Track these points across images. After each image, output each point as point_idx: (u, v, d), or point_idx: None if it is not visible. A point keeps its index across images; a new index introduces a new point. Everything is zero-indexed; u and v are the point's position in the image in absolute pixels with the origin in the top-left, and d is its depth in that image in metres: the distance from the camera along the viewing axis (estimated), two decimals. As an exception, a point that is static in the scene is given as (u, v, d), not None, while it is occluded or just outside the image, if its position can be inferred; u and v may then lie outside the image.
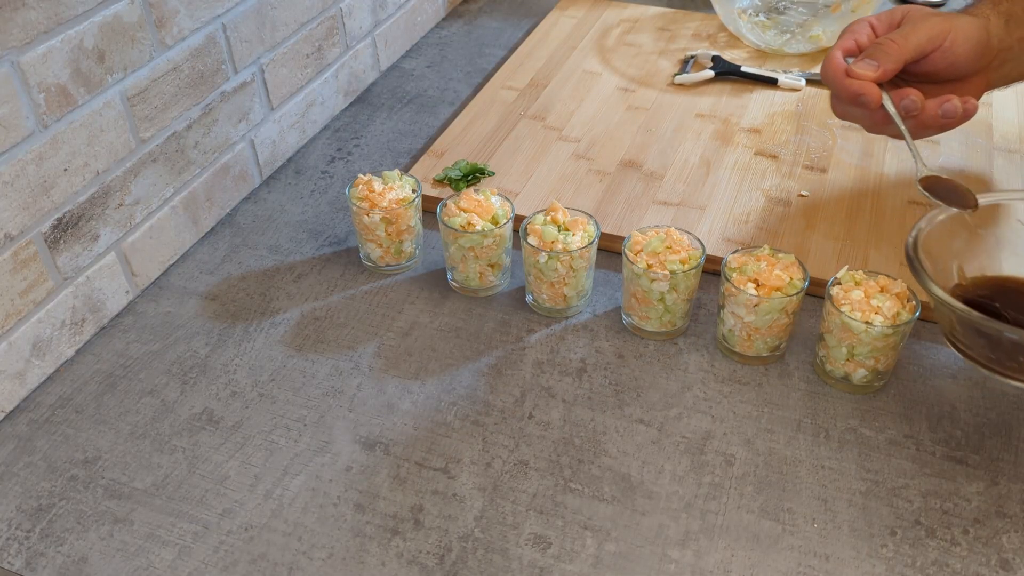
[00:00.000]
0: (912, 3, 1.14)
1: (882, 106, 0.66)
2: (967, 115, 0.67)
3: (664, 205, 0.86)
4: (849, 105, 0.67)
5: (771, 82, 1.04)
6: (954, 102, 0.66)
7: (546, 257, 0.72)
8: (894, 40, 0.65)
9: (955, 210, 0.66)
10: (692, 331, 0.75)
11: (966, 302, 0.60)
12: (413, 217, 0.79)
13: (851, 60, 0.68)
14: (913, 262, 0.63)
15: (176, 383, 0.72)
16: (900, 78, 0.69)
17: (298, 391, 0.71)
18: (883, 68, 0.65)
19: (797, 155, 0.93)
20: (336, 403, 0.70)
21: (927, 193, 0.68)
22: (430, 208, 0.87)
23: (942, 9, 1.25)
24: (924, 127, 0.68)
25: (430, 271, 0.82)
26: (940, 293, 0.60)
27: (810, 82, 1.04)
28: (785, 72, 1.05)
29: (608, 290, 0.79)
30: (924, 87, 0.68)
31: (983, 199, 0.67)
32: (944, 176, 0.68)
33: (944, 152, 0.92)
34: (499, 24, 1.25)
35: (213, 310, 0.79)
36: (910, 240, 0.65)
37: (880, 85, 0.67)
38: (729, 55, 1.10)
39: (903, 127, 0.66)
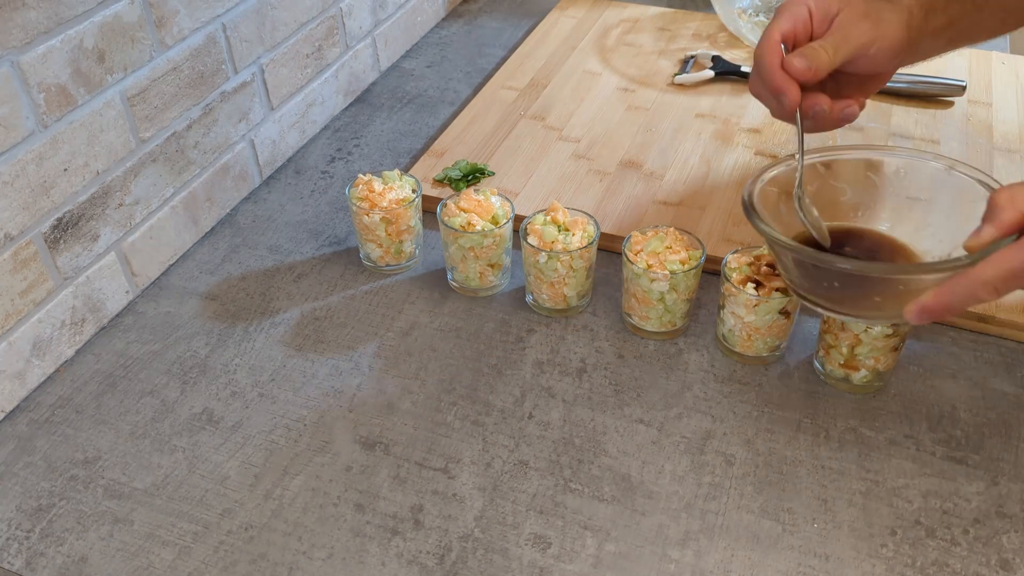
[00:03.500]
0: None
1: (794, 107, 0.68)
2: (848, 117, 0.70)
3: (664, 205, 0.86)
4: (770, 93, 0.68)
5: (771, 82, 1.04)
6: (854, 107, 0.68)
7: (546, 257, 0.72)
8: (826, 51, 0.67)
9: (796, 164, 0.68)
10: (692, 331, 0.75)
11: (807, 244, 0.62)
12: (413, 217, 0.79)
13: (784, 46, 0.69)
14: (747, 207, 0.63)
15: (176, 383, 0.72)
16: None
17: (298, 391, 0.71)
18: (811, 73, 0.66)
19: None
20: (336, 403, 0.70)
21: (801, 212, 0.68)
22: (430, 208, 0.87)
23: None
24: (824, 127, 0.71)
25: (430, 271, 0.82)
26: (769, 231, 0.61)
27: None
28: (785, 72, 1.05)
29: (608, 290, 0.79)
30: (840, 78, 0.70)
31: (838, 154, 0.70)
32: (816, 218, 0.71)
33: (944, 152, 0.92)
34: (499, 24, 1.25)
35: (213, 310, 0.79)
36: (747, 190, 0.65)
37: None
38: (729, 55, 1.10)
39: (801, 134, 0.68)
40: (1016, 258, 0.52)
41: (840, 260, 0.59)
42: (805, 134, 0.67)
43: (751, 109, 1.01)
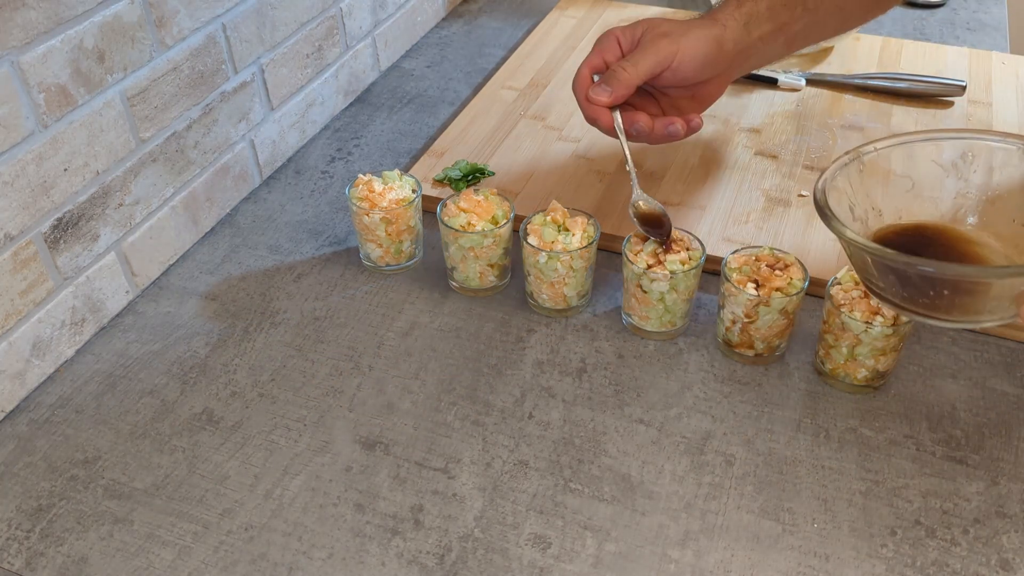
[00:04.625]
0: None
1: (614, 127, 0.74)
2: (691, 131, 0.76)
3: (664, 205, 0.86)
4: (588, 123, 0.75)
5: (771, 82, 1.04)
6: (676, 125, 0.74)
7: (546, 257, 0.72)
8: (625, 69, 0.72)
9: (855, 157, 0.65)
10: (692, 331, 0.75)
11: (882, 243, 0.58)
12: (413, 217, 0.79)
13: (597, 77, 0.75)
14: (823, 209, 0.59)
15: (176, 383, 0.72)
16: (644, 89, 0.77)
17: (298, 391, 0.71)
18: (615, 95, 0.73)
19: (797, 155, 0.93)
20: (336, 403, 0.70)
21: (636, 220, 0.74)
22: (430, 208, 0.87)
23: (939, 8, 1.25)
24: (655, 142, 0.76)
25: (430, 271, 0.82)
26: (849, 233, 0.57)
27: (810, 82, 1.04)
28: (785, 72, 1.05)
29: (608, 290, 0.79)
30: (668, 91, 0.76)
31: (890, 141, 0.65)
32: (651, 208, 0.74)
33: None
34: (499, 24, 1.25)
35: (213, 310, 0.79)
36: (819, 186, 0.61)
37: (616, 106, 0.74)
38: (729, 55, 1.10)
39: (626, 151, 0.74)
40: None
41: (969, 269, 0.56)
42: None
43: (751, 109, 1.01)
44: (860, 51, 1.10)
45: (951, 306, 0.56)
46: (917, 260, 0.54)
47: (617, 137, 0.74)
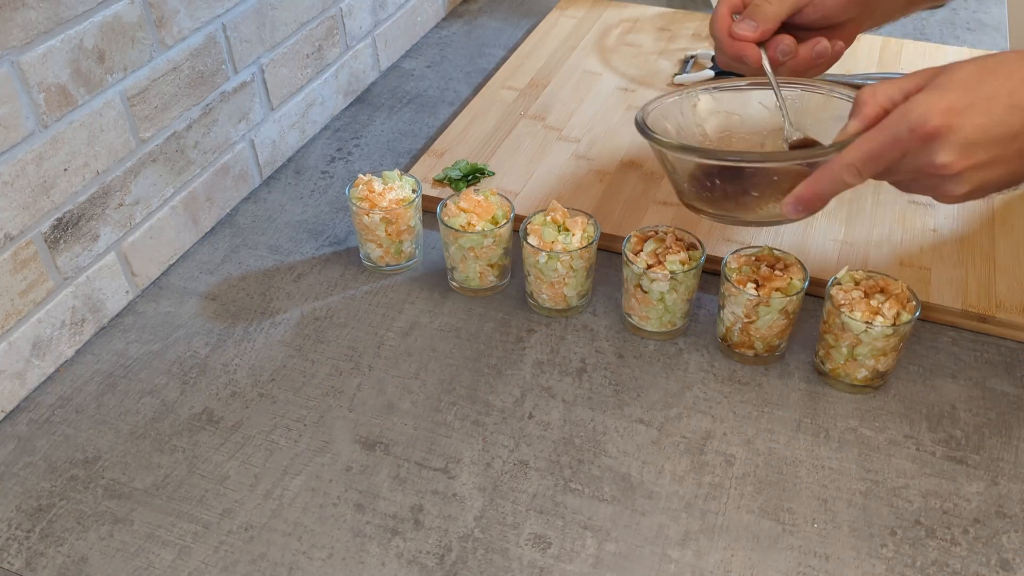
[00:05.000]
0: None
1: (761, 63, 0.73)
2: (836, 56, 0.74)
3: (664, 205, 0.86)
4: (733, 61, 0.74)
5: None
6: (823, 43, 0.72)
7: (546, 257, 0.72)
8: (770, 3, 0.71)
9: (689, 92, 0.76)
10: (692, 331, 0.75)
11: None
12: (413, 217, 0.79)
13: (737, 16, 0.74)
14: (641, 125, 0.68)
15: (176, 383, 0.72)
16: (784, 25, 0.75)
17: (298, 391, 0.71)
18: (761, 29, 0.71)
19: (797, 155, 0.93)
20: (336, 403, 0.70)
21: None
22: (430, 208, 0.87)
23: (939, 8, 1.25)
24: (799, 69, 0.75)
25: (430, 271, 0.82)
26: (661, 139, 0.66)
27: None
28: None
29: (608, 290, 0.79)
30: (801, 33, 0.74)
31: (727, 84, 0.76)
32: (812, 138, 0.74)
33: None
34: (499, 24, 1.25)
35: (213, 310, 0.79)
36: (646, 108, 0.72)
37: (761, 43, 0.73)
38: (729, 55, 1.10)
39: (775, 86, 0.73)
40: (874, 139, 0.57)
41: (715, 152, 0.65)
42: (790, 82, 0.74)
43: (751, 109, 1.00)
44: (860, 51, 1.10)
45: (745, 201, 0.66)
46: (698, 148, 0.67)
47: (764, 73, 0.73)
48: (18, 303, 0.68)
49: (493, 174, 0.91)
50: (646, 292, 0.71)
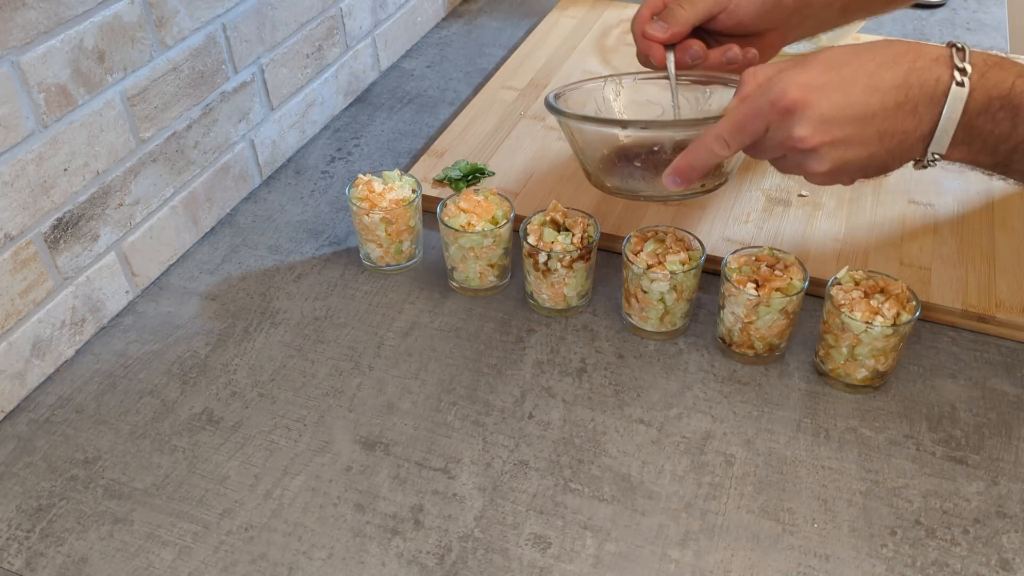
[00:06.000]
0: None
1: (665, 63, 0.75)
2: (748, 63, 0.74)
3: (664, 205, 0.86)
4: (641, 59, 0.77)
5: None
6: (735, 50, 0.74)
7: (546, 257, 0.72)
8: (683, 7, 0.74)
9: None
10: (692, 331, 0.75)
11: None
12: (413, 217, 0.79)
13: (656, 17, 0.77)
14: (551, 105, 0.72)
15: (176, 383, 0.72)
16: (704, 31, 0.77)
17: (298, 391, 0.71)
18: (671, 31, 0.73)
19: (797, 155, 0.93)
20: (336, 403, 0.70)
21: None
22: (430, 208, 0.87)
23: (939, 8, 1.25)
24: (711, 70, 0.76)
25: (430, 271, 0.82)
26: (569, 112, 0.71)
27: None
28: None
29: (608, 290, 0.79)
30: (721, 40, 0.76)
31: (645, 76, 0.79)
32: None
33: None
34: (499, 24, 1.25)
35: (213, 310, 0.79)
36: (557, 91, 0.76)
37: (672, 45, 0.75)
38: (729, 55, 1.10)
39: (673, 91, 0.75)
40: (739, 111, 0.60)
41: (600, 120, 0.71)
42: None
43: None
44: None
45: (615, 171, 0.71)
46: (593, 117, 0.73)
47: (667, 73, 0.75)
48: (18, 303, 0.68)
49: (493, 174, 0.91)
50: (646, 292, 0.71)
